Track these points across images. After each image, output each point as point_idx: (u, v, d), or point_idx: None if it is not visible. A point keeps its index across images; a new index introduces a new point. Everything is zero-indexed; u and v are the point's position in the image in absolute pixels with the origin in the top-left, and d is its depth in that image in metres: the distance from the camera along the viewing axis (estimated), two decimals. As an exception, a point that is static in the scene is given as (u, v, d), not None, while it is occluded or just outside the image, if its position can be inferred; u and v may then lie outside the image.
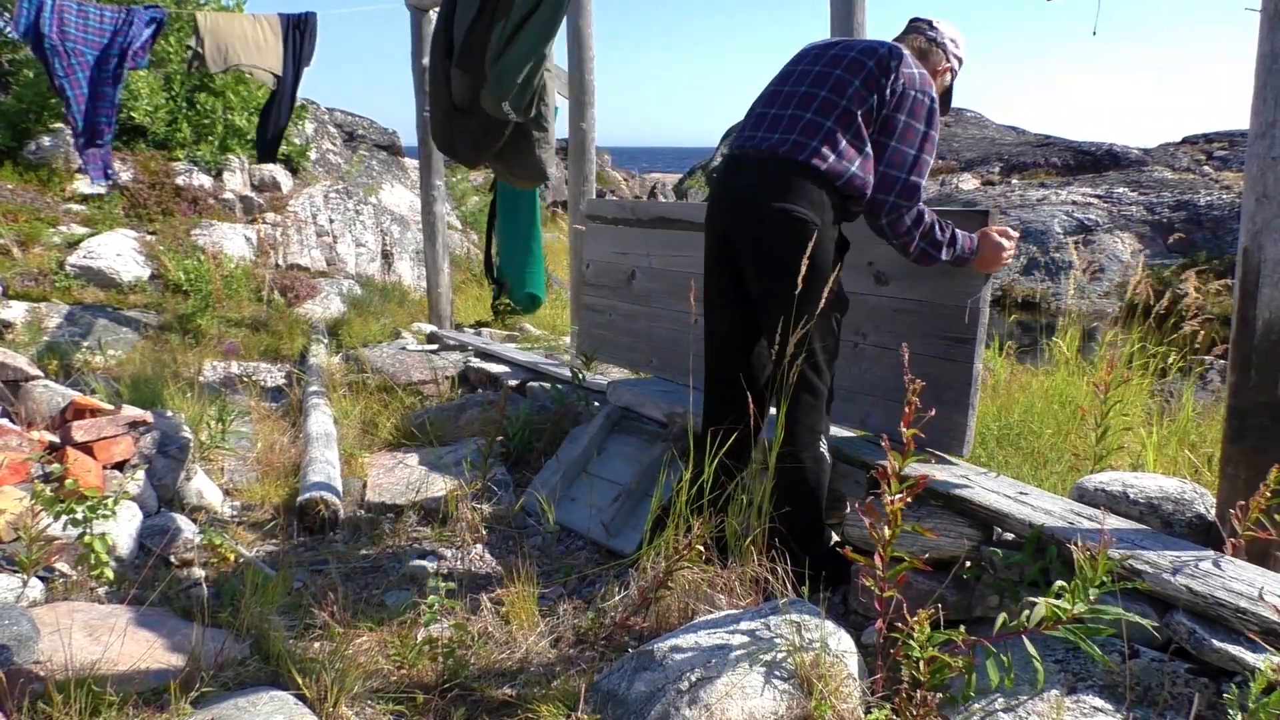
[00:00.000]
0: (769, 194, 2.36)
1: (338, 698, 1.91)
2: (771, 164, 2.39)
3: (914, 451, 1.83)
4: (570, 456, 3.48)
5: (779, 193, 2.35)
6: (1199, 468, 3.02)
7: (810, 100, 2.40)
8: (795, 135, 2.37)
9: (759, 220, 2.39)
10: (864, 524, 2.45)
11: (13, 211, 6.81)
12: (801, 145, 2.35)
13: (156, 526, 2.88)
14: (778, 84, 2.53)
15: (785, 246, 2.33)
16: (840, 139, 2.34)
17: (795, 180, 2.35)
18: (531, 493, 3.35)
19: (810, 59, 2.50)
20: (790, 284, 2.28)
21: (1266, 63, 2.00)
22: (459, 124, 4.37)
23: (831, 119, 2.35)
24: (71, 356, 5.15)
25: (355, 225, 9.62)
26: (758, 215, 2.39)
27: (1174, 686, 1.78)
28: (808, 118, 2.38)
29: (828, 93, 2.39)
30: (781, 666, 1.84)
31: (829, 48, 2.51)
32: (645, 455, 3.38)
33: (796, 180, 2.35)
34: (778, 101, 2.48)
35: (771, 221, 2.36)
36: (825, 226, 2.36)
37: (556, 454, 3.61)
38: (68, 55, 5.58)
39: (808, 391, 2.42)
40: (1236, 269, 2.09)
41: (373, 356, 5.35)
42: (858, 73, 2.37)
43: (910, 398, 1.79)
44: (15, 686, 1.77)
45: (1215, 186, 8.84)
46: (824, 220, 2.36)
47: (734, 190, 2.48)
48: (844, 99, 2.36)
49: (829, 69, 2.42)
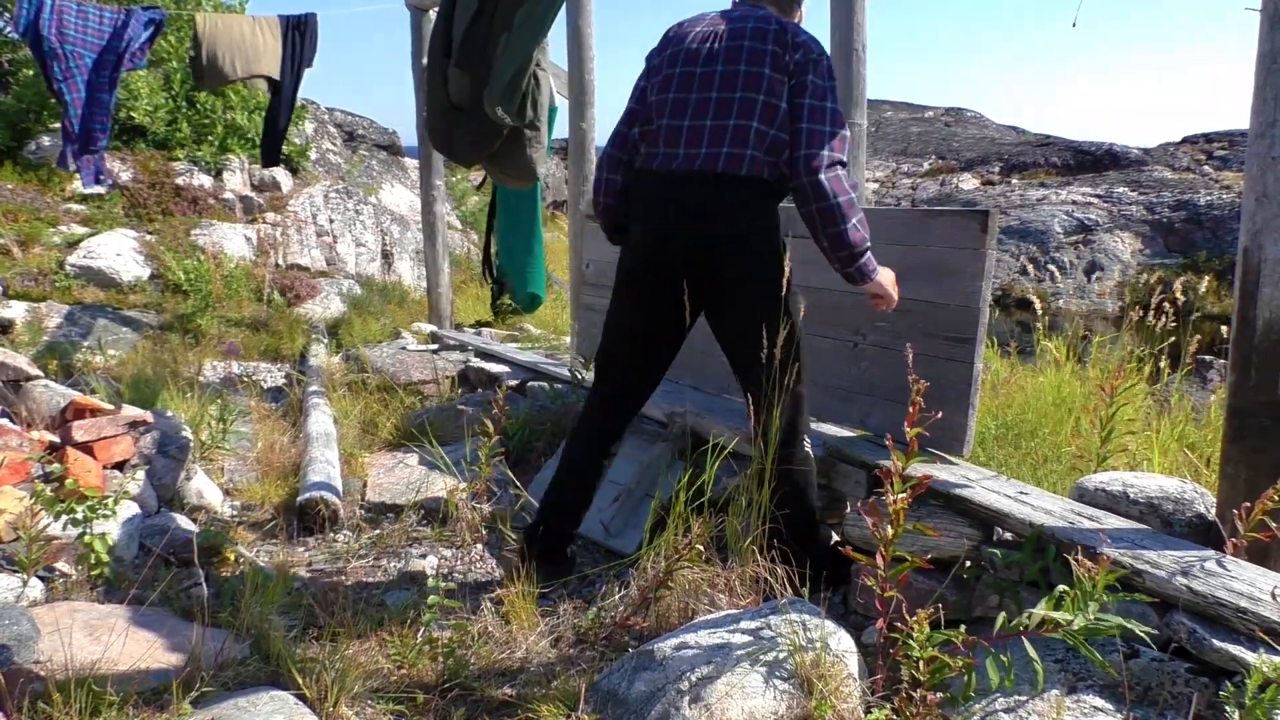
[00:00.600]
0: (718, 220, 2.31)
1: (338, 698, 1.91)
2: (711, 183, 2.30)
3: (916, 451, 1.83)
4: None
5: (729, 217, 2.32)
6: (1199, 468, 3.03)
7: (728, 105, 2.31)
8: (726, 147, 2.29)
9: (712, 248, 2.33)
10: (865, 524, 2.46)
11: (13, 211, 6.81)
12: (738, 157, 2.28)
13: (156, 526, 2.88)
14: (679, 90, 2.39)
15: (747, 270, 2.34)
16: (769, 135, 2.28)
17: (741, 197, 2.31)
18: (532, 492, 3.35)
19: (704, 59, 2.37)
20: (759, 303, 2.32)
21: (1266, 63, 2.00)
22: (458, 124, 4.37)
23: (756, 118, 2.28)
24: (71, 356, 5.15)
25: (355, 225, 9.62)
26: (711, 243, 2.33)
27: (1174, 686, 1.78)
28: (733, 124, 2.30)
29: (742, 91, 2.30)
30: (782, 666, 1.84)
31: (711, 40, 2.38)
32: (645, 455, 3.37)
33: (742, 197, 2.31)
34: (689, 111, 2.36)
35: (729, 249, 2.33)
36: (776, 234, 2.36)
37: (556, 454, 3.61)
38: (66, 59, 5.58)
39: (794, 395, 2.43)
40: (1236, 269, 2.09)
41: (373, 356, 5.35)
42: (762, 61, 2.29)
43: (915, 398, 1.79)
44: (15, 686, 1.77)
45: (1215, 186, 8.84)
46: (774, 227, 2.36)
47: (677, 215, 2.35)
48: (761, 93, 2.28)
49: (733, 66, 2.32)
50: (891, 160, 12.48)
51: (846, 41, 3.18)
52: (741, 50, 2.32)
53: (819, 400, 3.06)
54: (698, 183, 2.32)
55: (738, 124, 2.29)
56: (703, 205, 2.32)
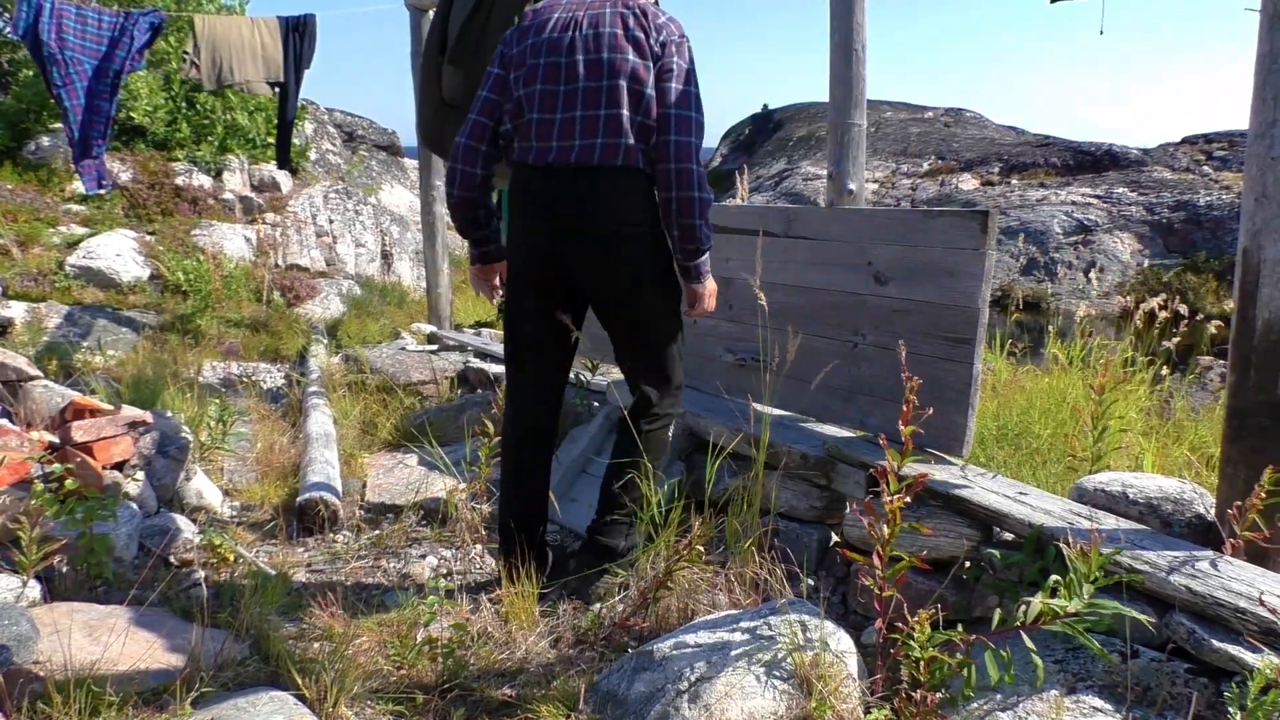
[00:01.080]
0: (601, 213, 2.34)
1: (337, 698, 1.91)
2: (590, 174, 2.33)
3: (913, 451, 1.83)
4: (570, 456, 3.48)
5: (612, 209, 2.34)
6: (1198, 468, 3.03)
7: (597, 95, 2.32)
8: (601, 138, 2.31)
9: (600, 240, 2.36)
10: (863, 524, 2.46)
11: (12, 211, 6.81)
12: (613, 147, 2.30)
13: (156, 526, 2.88)
14: (546, 82, 2.36)
15: (635, 261, 2.40)
16: (639, 122, 2.31)
17: (621, 186, 2.34)
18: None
19: (566, 48, 2.36)
20: (649, 292, 2.42)
21: (1266, 63, 2.00)
22: (450, 120, 4.39)
23: (626, 106, 2.30)
24: (71, 357, 5.15)
25: (355, 225, 9.62)
26: (597, 235, 2.36)
27: (1173, 686, 1.78)
28: (604, 113, 2.31)
29: (609, 80, 2.31)
30: (781, 666, 1.84)
31: (572, 29, 2.37)
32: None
33: (622, 185, 2.34)
34: (559, 104, 2.35)
35: (615, 240, 2.36)
36: (659, 223, 2.41)
37: (556, 454, 3.62)
38: (65, 64, 5.58)
39: (672, 370, 2.54)
40: (1236, 269, 2.09)
41: (372, 357, 5.35)
42: (626, 47, 2.31)
43: (909, 396, 1.79)
44: (15, 686, 1.77)
45: (1215, 187, 8.85)
46: (655, 214, 2.40)
47: (562, 209, 2.36)
48: (627, 79, 2.30)
49: (596, 54, 2.33)
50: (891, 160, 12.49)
51: (846, 41, 3.18)
52: (603, 37, 2.33)
53: (818, 400, 3.06)
54: (576, 175, 2.33)
55: (609, 113, 2.31)
56: (585, 199, 2.34)
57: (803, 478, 2.87)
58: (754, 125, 20.31)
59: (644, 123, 2.31)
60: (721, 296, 3.48)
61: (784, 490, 2.89)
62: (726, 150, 20.40)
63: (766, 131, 18.81)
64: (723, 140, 21.27)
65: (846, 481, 2.73)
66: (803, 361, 3.01)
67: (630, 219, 2.35)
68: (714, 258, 3.48)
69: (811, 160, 13.18)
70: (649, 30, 2.32)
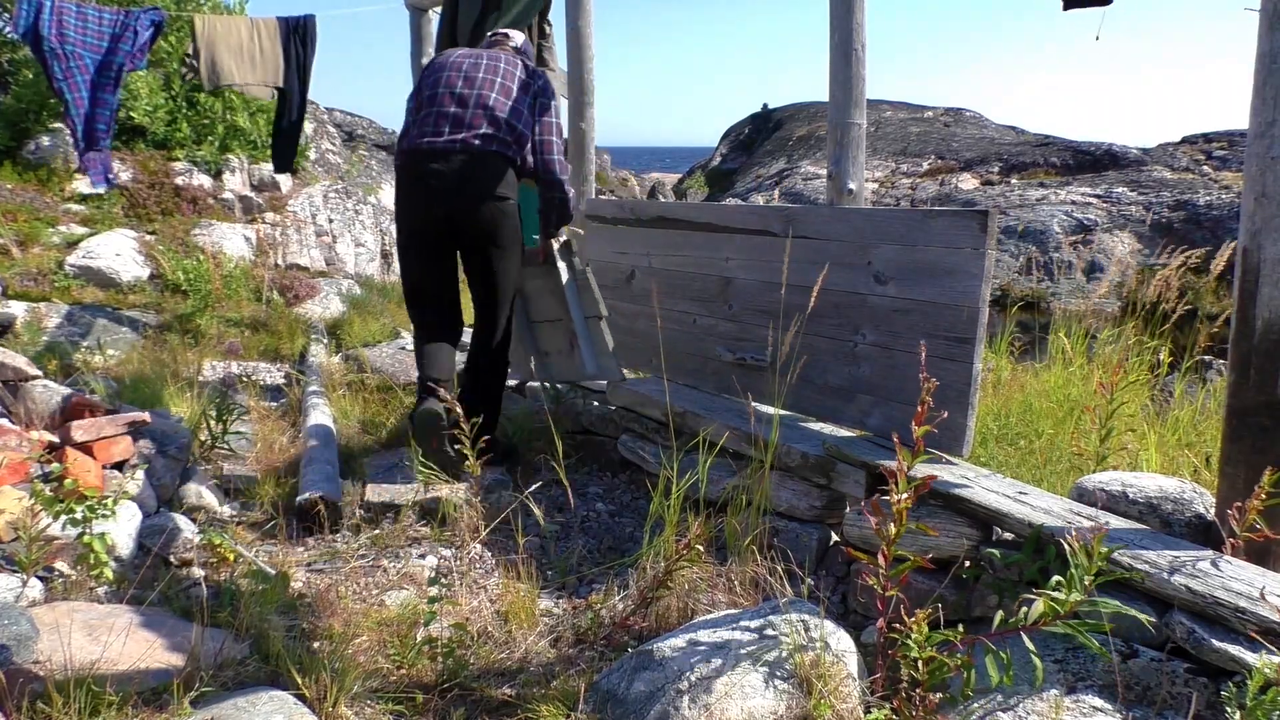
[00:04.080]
0: (480, 184, 3.26)
1: (337, 698, 1.91)
2: (471, 156, 3.25)
3: (924, 450, 1.83)
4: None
5: (488, 182, 3.27)
6: (1199, 468, 3.02)
7: (485, 100, 3.31)
8: (483, 129, 3.27)
9: (474, 207, 3.29)
10: (864, 524, 2.46)
11: (12, 211, 6.81)
12: (490, 137, 3.26)
13: (156, 526, 2.88)
14: (446, 88, 3.35)
15: (499, 224, 3.33)
16: (515, 126, 3.32)
17: (495, 167, 3.28)
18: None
19: (465, 69, 3.40)
20: (505, 247, 3.38)
21: (1266, 62, 2.00)
22: None
23: (507, 112, 3.31)
24: (71, 356, 5.15)
25: (354, 225, 9.63)
26: (473, 202, 3.28)
27: (1173, 686, 1.78)
28: (487, 111, 3.29)
29: (497, 93, 3.33)
30: (781, 666, 1.84)
31: (472, 58, 3.44)
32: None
33: (496, 167, 3.28)
34: (452, 102, 3.32)
35: (487, 207, 3.29)
36: (514, 198, 3.36)
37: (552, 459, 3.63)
38: (66, 59, 5.57)
39: (512, 309, 3.55)
40: (1236, 269, 2.09)
41: (372, 356, 5.35)
42: (513, 77, 3.38)
43: (924, 396, 1.79)
44: (15, 686, 1.77)
45: (1214, 186, 8.85)
46: (514, 194, 3.35)
47: (444, 180, 3.25)
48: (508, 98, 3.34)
49: (489, 76, 3.36)
50: (891, 160, 12.49)
51: (846, 41, 3.18)
52: (498, 66, 3.40)
53: (818, 399, 3.06)
54: (464, 157, 3.27)
55: (491, 113, 3.29)
56: (469, 175, 3.26)
57: (802, 477, 2.87)
58: (754, 125, 20.31)
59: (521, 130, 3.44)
60: (721, 296, 3.48)
61: (784, 490, 2.90)
62: (726, 149, 20.39)
63: (766, 131, 18.81)
64: (723, 140, 21.25)
65: (846, 481, 2.73)
66: (802, 361, 3.01)
67: (501, 196, 3.35)
68: (713, 256, 3.50)
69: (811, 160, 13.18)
70: (532, 75, 3.49)
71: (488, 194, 3.27)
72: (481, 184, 3.26)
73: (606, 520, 3.44)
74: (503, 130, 3.28)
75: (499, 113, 3.28)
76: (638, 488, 3.69)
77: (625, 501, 3.62)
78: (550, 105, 3.39)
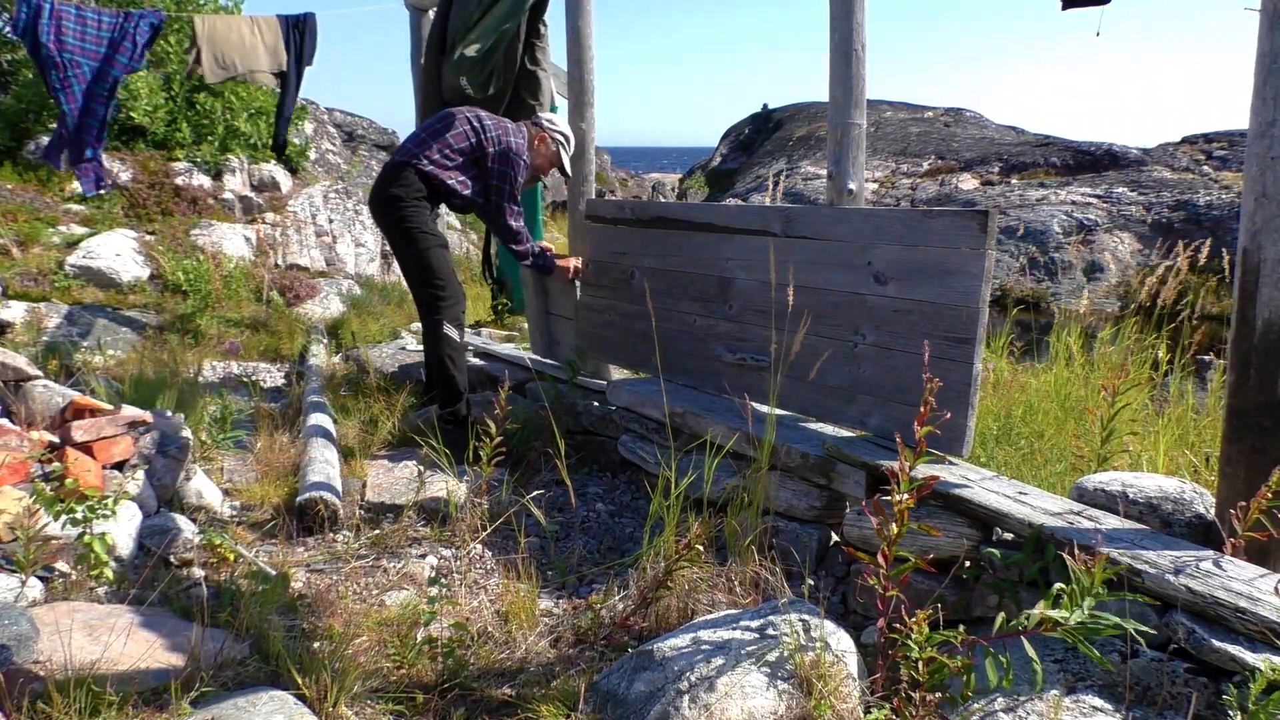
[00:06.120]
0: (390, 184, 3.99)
1: (337, 698, 1.91)
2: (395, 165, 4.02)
3: (926, 451, 1.83)
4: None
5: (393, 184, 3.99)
6: (1199, 468, 3.02)
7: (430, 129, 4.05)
8: (411, 146, 4.03)
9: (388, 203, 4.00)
10: (864, 524, 2.46)
11: (12, 211, 6.81)
12: (415, 154, 3.97)
13: (156, 526, 2.88)
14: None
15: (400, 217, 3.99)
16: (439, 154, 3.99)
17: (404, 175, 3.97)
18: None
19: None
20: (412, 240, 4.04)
21: (1266, 62, 2.00)
22: None
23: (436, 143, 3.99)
24: (71, 356, 5.15)
25: (354, 225, 9.63)
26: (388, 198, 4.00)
27: (1173, 686, 1.78)
28: (423, 138, 4.01)
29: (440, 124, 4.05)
30: (781, 666, 1.84)
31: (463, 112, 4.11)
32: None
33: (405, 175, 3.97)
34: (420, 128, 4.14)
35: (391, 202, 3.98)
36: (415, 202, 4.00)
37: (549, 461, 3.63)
38: (64, 67, 5.57)
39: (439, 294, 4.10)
40: (1236, 269, 2.09)
41: (372, 356, 5.35)
42: (466, 123, 4.04)
43: (927, 397, 1.79)
44: (15, 686, 1.77)
45: (1215, 186, 8.84)
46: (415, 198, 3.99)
47: (380, 180, 4.07)
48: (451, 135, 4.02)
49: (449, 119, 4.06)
50: (891, 160, 12.48)
51: (846, 41, 3.18)
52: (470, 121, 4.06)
53: (818, 400, 3.07)
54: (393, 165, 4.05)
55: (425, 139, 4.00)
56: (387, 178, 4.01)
57: (803, 477, 2.87)
58: (754, 125, 20.28)
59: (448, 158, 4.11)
60: (721, 296, 3.48)
61: (783, 490, 2.89)
62: (726, 150, 20.37)
63: (766, 131, 18.79)
64: (722, 140, 21.23)
65: (846, 481, 2.73)
66: (802, 361, 3.01)
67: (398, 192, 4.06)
68: (713, 257, 3.50)
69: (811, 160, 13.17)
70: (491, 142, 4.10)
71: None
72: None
73: (606, 520, 3.44)
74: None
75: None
76: (638, 488, 3.69)
77: (625, 501, 3.62)
78: (504, 172, 4.10)
